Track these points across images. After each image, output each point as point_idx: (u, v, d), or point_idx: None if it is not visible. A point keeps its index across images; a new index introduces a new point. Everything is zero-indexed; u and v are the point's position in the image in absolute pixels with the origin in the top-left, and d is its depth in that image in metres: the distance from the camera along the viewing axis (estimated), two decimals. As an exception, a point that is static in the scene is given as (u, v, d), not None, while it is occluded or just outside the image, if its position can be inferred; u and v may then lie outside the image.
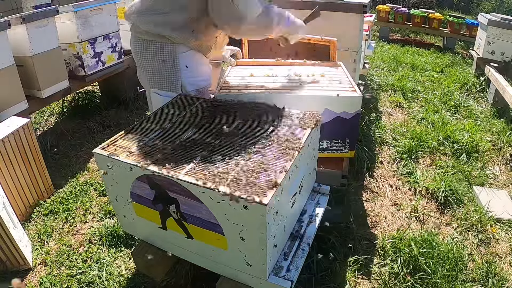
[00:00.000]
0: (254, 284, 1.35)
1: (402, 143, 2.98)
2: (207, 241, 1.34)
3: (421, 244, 1.93)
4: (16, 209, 2.12)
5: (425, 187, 2.53)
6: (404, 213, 2.32)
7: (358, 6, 2.51)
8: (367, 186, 2.56)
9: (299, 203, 1.61)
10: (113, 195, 1.51)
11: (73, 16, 2.88)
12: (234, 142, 1.38)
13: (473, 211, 2.30)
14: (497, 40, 4.24)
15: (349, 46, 2.63)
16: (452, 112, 3.68)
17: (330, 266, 1.85)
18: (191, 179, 1.20)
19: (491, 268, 1.88)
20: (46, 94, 2.78)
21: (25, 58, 2.62)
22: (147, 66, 1.79)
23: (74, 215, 2.27)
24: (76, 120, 3.42)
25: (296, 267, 1.39)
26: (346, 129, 1.91)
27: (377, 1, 8.46)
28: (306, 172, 1.58)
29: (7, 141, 2.09)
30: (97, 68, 3.21)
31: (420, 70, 4.95)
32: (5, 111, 2.43)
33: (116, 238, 2.05)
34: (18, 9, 4.30)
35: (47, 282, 1.82)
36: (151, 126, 1.55)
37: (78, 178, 2.63)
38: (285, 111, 1.60)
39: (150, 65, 1.78)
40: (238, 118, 1.56)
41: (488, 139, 3.15)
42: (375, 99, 3.88)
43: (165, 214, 1.39)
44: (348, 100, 1.83)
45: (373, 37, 6.51)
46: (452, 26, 6.17)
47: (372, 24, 4.00)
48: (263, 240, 1.19)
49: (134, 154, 1.35)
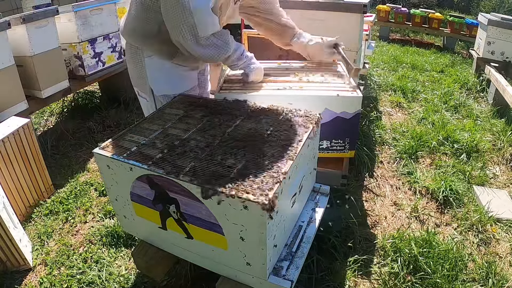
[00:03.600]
0: (254, 284, 1.35)
1: (402, 143, 2.98)
2: (207, 241, 1.34)
3: (421, 244, 1.93)
4: (16, 209, 2.12)
5: (425, 187, 2.53)
6: (404, 213, 2.32)
7: (358, 6, 2.51)
8: (367, 186, 2.56)
9: (299, 203, 1.61)
10: (113, 195, 1.51)
11: (73, 16, 2.88)
12: (234, 143, 1.38)
13: (473, 211, 2.30)
14: (497, 40, 4.24)
15: (349, 46, 2.63)
16: (452, 112, 3.68)
17: (330, 266, 1.85)
18: (191, 179, 1.20)
19: (491, 268, 1.87)
20: (46, 94, 2.78)
21: (25, 58, 2.62)
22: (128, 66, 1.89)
23: (74, 215, 2.27)
24: (76, 120, 3.42)
25: (296, 267, 1.39)
26: (346, 129, 1.91)
27: (377, 1, 8.46)
28: (306, 172, 1.58)
29: (7, 141, 2.09)
30: (97, 68, 3.21)
31: (420, 70, 4.95)
32: (5, 111, 2.43)
33: (116, 238, 2.05)
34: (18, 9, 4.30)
35: (47, 282, 1.82)
36: (151, 126, 1.55)
37: (78, 178, 2.63)
38: (285, 111, 1.60)
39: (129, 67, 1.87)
40: (238, 118, 1.56)
41: (488, 139, 3.15)
42: (375, 99, 3.88)
43: (165, 214, 1.39)
44: (348, 100, 1.82)
45: (373, 37, 6.51)
46: (452, 26, 6.17)
47: (372, 24, 4.00)
48: (263, 240, 1.19)
49: (134, 154, 1.35)
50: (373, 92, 4.04)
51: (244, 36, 2.43)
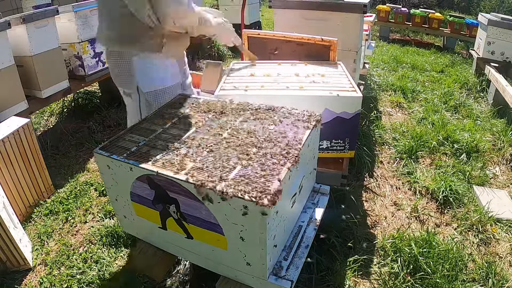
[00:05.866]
0: (254, 284, 1.35)
1: (402, 143, 2.98)
2: (207, 241, 1.34)
3: (421, 244, 1.93)
4: (16, 209, 2.12)
5: (425, 187, 2.53)
6: (404, 213, 2.32)
7: (358, 6, 2.51)
8: (367, 186, 2.56)
9: (299, 203, 1.61)
10: (113, 195, 1.51)
11: (73, 16, 2.88)
12: (234, 143, 1.38)
13: (473, 211, 2.30)
14: (497, 40, 4.24)
15: (349, 46, 2.63)
16: (452, 112, 3.68)
17: (330, 266, 1.85)
18: (191, 179, 1.20)
19: (491, 268, 1.87)
20: (46, 94, 2.78)
21: (25, 58, 2.62)
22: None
23: (74, 215, 2.27)
24: (76, 120, 3.42)
25: (296, 267, 1.39)
26: (346, 129, 1.91)
27: (377, 1, 8.46)
28: (306, 172, 1.58)
29: (7, 141, 2.09)
30: (97, 68, 3.21)
31: (420, 70, 4.95)
32: (5, 111, 2.43)
33: (116, 238, 2.05)
34: (18, 9, 4.30)
35: (47, 282, 1.82)
36: (151, 126, 1.55)
37: (78, 178, 2.63)
38: (285, 111, 1.60)
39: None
40: (238, 118, 1.56)
41: (488, 139, 3.15)
42: (375, 99, 3.88)
43: (165, 214, 1.39)
44: (348, 100, 1.83)
45: (373, 37, 6.51)
46: (452, 26, 6.17)
47: (372, 24, 4.00)
48: (263, 240, 1.19)
49: (134, 154, 1.35)
50: (373, 92, 4.05)
51: (244, 36, 2.43)
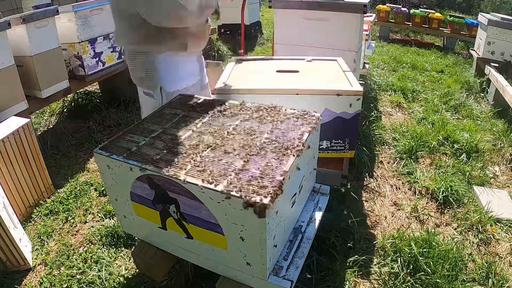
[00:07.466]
0: (254, 284, 1.35)
1: (402, 143, 2.98)
2: (207, 241, 1.34)
3: (421, 244, 1.93)
4: (16, 209, 2.12)
5: (425, 187, 2.53)
6: (404, 213, 2.32)
7: (358, 6, 2.51)
8: (367, 186, 2.56)
9: (299, 203, 1.61)
10: (113, 195, 1.51)
11: (73, 16, 2.88)
12: (234, 142, 1.38)
13: (473, 211, 2.30)
14: (497, 40, 4.24)
15: (349, 46, 2.63)
16: (452, 112, 3.68)
17: (330, 266, 1.85)
18: (191, 179, 1.20)
19: (491, 268, 1.87)
20: (46, 94, 2.78)
21: (25, 58, 2.62)
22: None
23: (74, 215, 2.27)
24: (76, 120, 3.42)
25: (296, 267, 1.39)
26: (346, 129, 1.91)
27: (377, 1, 8.46)
28: (306, 172, 1.58)
29: (7, 141, 2.09)
30: (97, 68, 3.21)
31: (420, 70, 4.95)
32: (5, 111, 2.43)
33: (116, 238, 2.05)
34: (18, 9, 4.30)
35: (47, 282, 1.82)
36: (151, 126, 1.55)
37: (78, 178, 2.63)
38: (286, 111, 1.60)
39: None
40: (239, 118, 1.56)
41: (488, 139, 3.15)
42: (375, 99, 3.88)
43: (165, 214, 1.39)
44: (348, 100, 1.83)
45: (373, 37, 6.51)
46: (452, 26, 6.17)
47: (372, 24, 4.00)
48: (263, 240, 1.19)
49: (134, 154, 1.35)
50: (373, 92, 4.04)
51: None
